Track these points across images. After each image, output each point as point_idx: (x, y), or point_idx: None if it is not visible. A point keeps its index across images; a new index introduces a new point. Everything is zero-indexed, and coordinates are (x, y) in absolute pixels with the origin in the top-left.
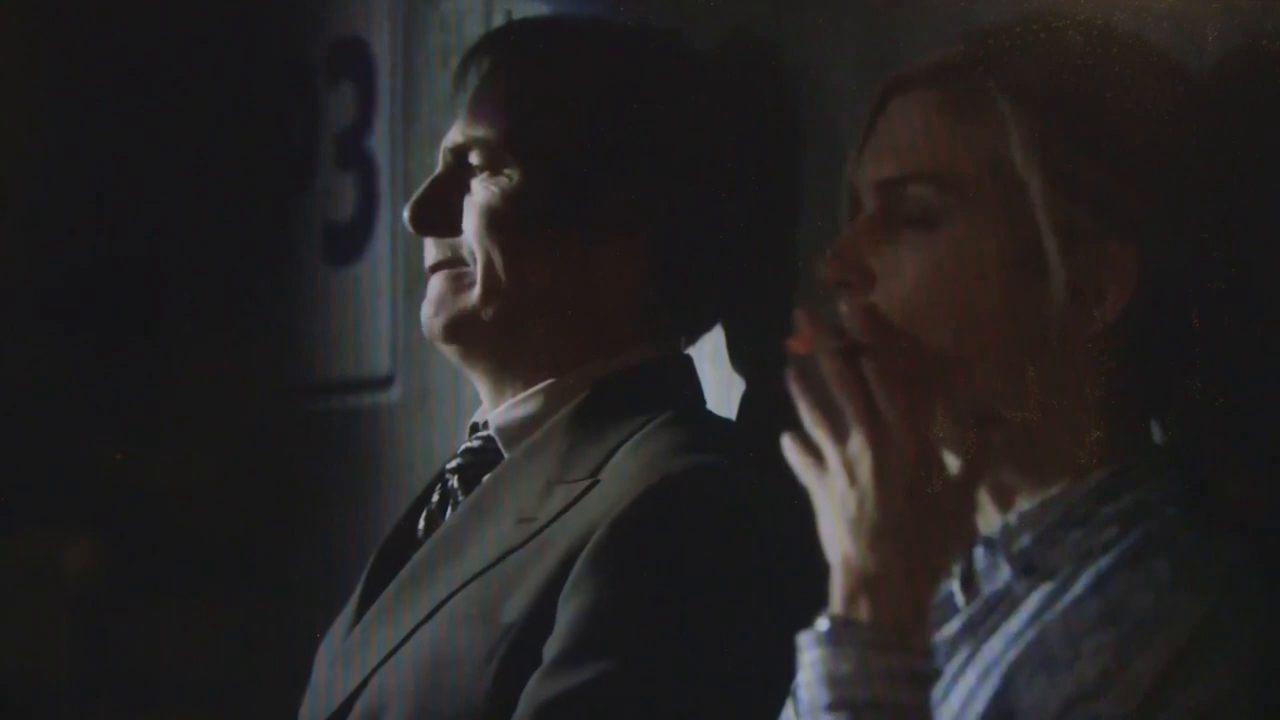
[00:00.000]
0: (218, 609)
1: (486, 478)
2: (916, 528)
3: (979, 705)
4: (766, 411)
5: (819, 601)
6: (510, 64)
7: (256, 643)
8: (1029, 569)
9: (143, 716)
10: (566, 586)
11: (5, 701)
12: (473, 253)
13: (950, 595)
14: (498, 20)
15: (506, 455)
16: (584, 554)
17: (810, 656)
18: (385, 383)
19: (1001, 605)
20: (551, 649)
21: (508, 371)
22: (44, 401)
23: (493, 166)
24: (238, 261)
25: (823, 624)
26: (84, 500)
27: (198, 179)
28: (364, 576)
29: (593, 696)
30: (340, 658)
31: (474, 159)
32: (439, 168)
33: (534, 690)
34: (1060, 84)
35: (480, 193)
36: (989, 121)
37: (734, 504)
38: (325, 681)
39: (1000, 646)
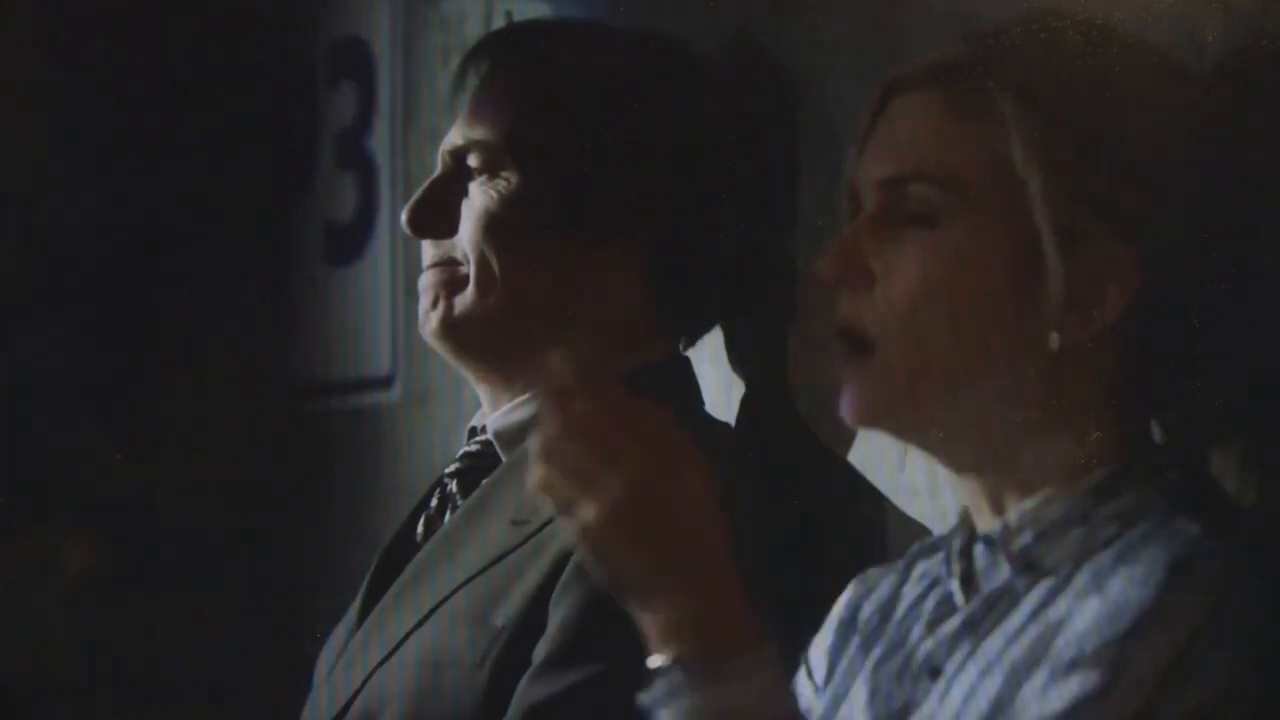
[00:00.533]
0: (218, 609)
1: (484, 481)
2: (700, 534)
3: (981, 703)
4: (766, 413)
5: (814, 603)
6: (510, 66)
7: (256, 643)
8: (1029, 566)
9: (143, 716)
10: (558, 588)
11: (5, 701)
12: (467, 254)
13: (950, 594)
14: (498, 21)
15: (505, 459)
16: (575, 556)
17: (684, 705)
18: (385, 383)
19: (1002, 603)
20: (541, 651)
21: (506, 374)
22: (44, 402)
23: (491, 169)
24: (238, 261)
25: (679, 675)
26: (84, 500)
27: (198, 179)
28: (365, 582)
29: (581, 699)
30: (341, 661)
31: (472, 161)
32: (437, 170)
33: (524, 692)
34: (1060, 84)
35: (478, 196)
36: (989, 121)
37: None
38: (326, 685)
39: (1001, 644)
